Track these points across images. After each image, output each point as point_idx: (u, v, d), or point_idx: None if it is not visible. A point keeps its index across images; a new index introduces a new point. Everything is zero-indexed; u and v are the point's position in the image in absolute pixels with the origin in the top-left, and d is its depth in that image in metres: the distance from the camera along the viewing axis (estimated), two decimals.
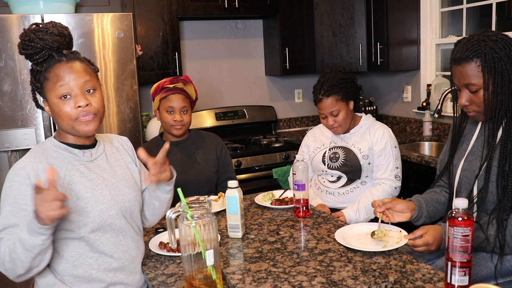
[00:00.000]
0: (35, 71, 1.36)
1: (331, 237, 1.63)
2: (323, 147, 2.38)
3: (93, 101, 1.37)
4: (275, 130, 4.06)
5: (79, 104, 1.34)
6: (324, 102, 2.24)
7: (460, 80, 1.57)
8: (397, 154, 2.29)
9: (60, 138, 1.43)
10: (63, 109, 1.34)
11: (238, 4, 3.48)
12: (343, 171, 2.29)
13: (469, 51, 1.51)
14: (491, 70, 1.49)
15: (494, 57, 1.49)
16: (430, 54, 3.58)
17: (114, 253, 1.42)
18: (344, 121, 2.28)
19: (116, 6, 3.13)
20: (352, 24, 3.71)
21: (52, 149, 1.41)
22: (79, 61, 1.38)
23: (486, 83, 1.51)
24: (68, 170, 1.38)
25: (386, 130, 2.30)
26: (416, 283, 1.29)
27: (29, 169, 1.32)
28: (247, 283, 1.30)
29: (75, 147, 1.42)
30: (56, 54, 1.35)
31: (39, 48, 1.33)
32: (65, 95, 1.34)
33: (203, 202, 1.30)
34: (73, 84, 1.34)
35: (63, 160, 1.39)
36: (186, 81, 2.29)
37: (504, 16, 3.12)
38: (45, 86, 1.35)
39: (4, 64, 2.53)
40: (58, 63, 1.34)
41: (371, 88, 4.18)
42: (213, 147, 2.39)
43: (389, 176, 2.25)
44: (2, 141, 2.55)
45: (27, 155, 1.38)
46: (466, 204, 1.19)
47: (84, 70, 1.38)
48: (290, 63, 3.73)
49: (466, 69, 1.53)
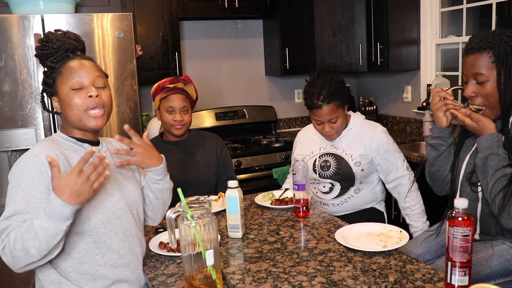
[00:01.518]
0: (49, 68, 1.43)
1: (331, 237, 1.62)
2: (312, 155, 2.30)
3: (103, 95, 1.43)
4: (275, 130, 4.06)
5: (90, 94, 1.39)
6: (324, 109, 2.10)
7: (469, 69, 1.58)
8: (397, 148, 2.24)
9: (67, 132, 1.46)
10: (74, 100, 1.39)
11: (238, 4, 3.48)
12: (336, 179, 2.23)
13: (483, 42, 1.54)
14: (503, 63, 1.50)
15: (507, 50, 1.50)
16: (430, 54, 3.58)
17: (120, 249, 1.42)
18: (341, 127, 2.19)
19: (116, 6, 3.13)
20: (352, 24, 3.71)
21: (62, 142, 1.44)
22: (92, 61, 1.47)
23: (497, 75, 1.51)
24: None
25: (379, 131, 2.22)
26: (416, 283, 1.29)
27: (43, 157, 1.31)
28: (247, 283, 1.30)
29: (82, 141, 1.45)
30: (72, 54, 1.45)
31: (55, 49, 1.42)
32: (77, 87, 1.39)
33: (203, 202, 1.30)
34: (86, 77, 1.40)
35: (74, 152, 1.42)
36: (186, 81, 2.29)
37: (504, 16, 3.12)
38: (58, 80, 1.41)
39: (4, 64, 2.53)
40: (72, 59, 1.43)
41: (371, 88, 4.18)
42: (213, 147, 2.39)
43: (403, 172, 2.21)
44: (2, 141, 2.55)
45: (38, 144, 1.39)
46: (466, 204, 1.19)
47: (96, 67, 1.46)
48: (290, 63, 3.73)
49: (478, 59, 1.55)
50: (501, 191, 1.48)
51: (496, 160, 1.50)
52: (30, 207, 1.28)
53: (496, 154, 1.51)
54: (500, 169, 1.49)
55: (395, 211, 3.15)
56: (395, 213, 3.14)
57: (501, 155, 1.50)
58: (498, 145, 1.51)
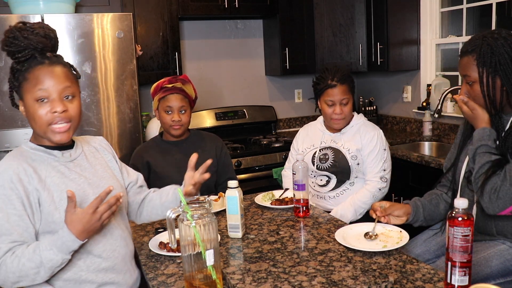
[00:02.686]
0: (15, 69, 1.34)
1: (331, 237, 1.62)
2: (313, 148, 2.36)
3: (71, 108, 1.36)
4: (275, 130, 4.06)
5: (55, 110, 1.32)
6: (338, 88, 2.23)
7: (460, 72, 1.66)
8: (386, 156, 2.27)
9: (37, 141, 1.40)
10: (38, 112, 1.32)
11: (238, 4, 3.48)
12: (332, 171, 2.29)
13: (470, 45, 1.60)
14: (484, 64, 1.55)
15: (489, 52, 1.55)
16: (430, 54, 3.58)
17: (102, 252, 1.40)
18: (349, 114, 2.29)
19: (116, 6, 3.13)
20: (352, 24, 3.71)
21: (30, 152, 1.38)
22: (62, 65, 1.36)
23: (480, 77, 1.57)
24: (49, 172, 1.36)
25: (377, 131, 2.29)
26: (416, 283, 1.29)
27: (11, 172, 1.30)
28: (247, 283, 1.30)
29: (53, 149, 1.40)
30: (39, 56, 1.33)
31: (22, 47, 1.31)
32: (42, 98, 1.32)
33: (203, 202, 1.30)
34: (52, 89, 1.32)
35: (43, 162, 1.38)
36: (185, 81, 2.30)
37: (504, 16, 3.12)
38: (23, 86, 1.33)
39: (4, 64, 2.52)
40: (39, 65, 1.32)
41: (371, 88, 4.18)
42: (213, 147, 2.39)
43: (373, 177, 2.24)
44: (2, 141, 2.55)
45: (5, 159, 1.35)
46: (466, 204, 1.19)
47: (65, 75, 1.35)
48: (290, 63, 3.73)
49: (465, 62, 1.61)
50: (483, 175, 1.54)
51: (484, 149, 1.56)
52: (11, 226, 1.27)
53: (485, 145, 1.56)
54: (486, 155, 1.55)
55: None
56: None
57: (490, 146, 1.56)
58: (488, 138, 1.57)
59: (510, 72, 1.54)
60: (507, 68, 1.54)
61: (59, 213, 1.32)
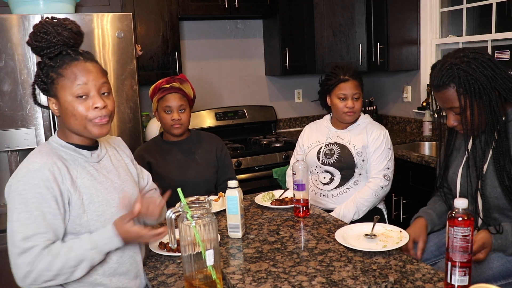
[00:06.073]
0: (46, 65, 1.32)
1: (331, 237, 1.63)
2: (318, 143, 2.38)
3: (109, 103, 1.37)
4: (275, 130, 4.06)
5: (97, 105, 1.32)
6: (351, 83, 2.29)
7: (443, 104, 1.62)
8: (390, 155, 2.29)
9: (65, 138, 1.38)
10: (78, 109, 1.31)
11: (238, 4, 3.48)
12: (337, 167, 2.29)
13: (445, 77, 1.55)
14: (468, 93, 1.52)
15: (469, 79, 1.51)
16: (430, 54, 3.58)
17: (120, 257, 1.40)
18: (359, 109, 2.32)
19: (116, 6, 3.13)
20: (352, 24, 3.71)
21: (61, 150, 1.37)
22: (95, 62, 1.37)
23: (467, 106, 1.54)
24: (80, 173, 1.35)
25: (383, 131, 2.33)
26: (416, 283, 1.29)
27: (47, 171, 1.27)
28: (247, 283, 1.30)
29: (81, 147, 1.39)
30: (73, 52, 1.33)
31: (53, 43, 1.30)
32: (82, 95, 1.31)
33: (203, 202, 1.30)
34: (92, 85, 1.32)
35: (74, 161, 1.36)
36: (182, 80, 2.30)
37: (504, 16, 3.12)
38: (59, 83, 1.31)
39: (4, 64, 2.52)
40: (75, 61, 1.32)
41: (371, 88, 4.18)
42: (213, 147, 2.39)
43: (377, 174, 2.25)
44: (2, 141, 2.55)
45: (38, 155, 1.31)
46: (466, 204, 1.19)
47: (101, 71, 1.37)
48: (290, 63, 3.73)
49: (446, 95, 1.57)
50: None
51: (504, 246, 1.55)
52: (47, 225, 1.26)
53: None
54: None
55: (395, 211, 3.15)
56: (395, 213, 3.15)
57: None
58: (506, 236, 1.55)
59: (492, 92, 1.52)
60: (489, 87, 1.51)
61: (87, 217, 1.32)
